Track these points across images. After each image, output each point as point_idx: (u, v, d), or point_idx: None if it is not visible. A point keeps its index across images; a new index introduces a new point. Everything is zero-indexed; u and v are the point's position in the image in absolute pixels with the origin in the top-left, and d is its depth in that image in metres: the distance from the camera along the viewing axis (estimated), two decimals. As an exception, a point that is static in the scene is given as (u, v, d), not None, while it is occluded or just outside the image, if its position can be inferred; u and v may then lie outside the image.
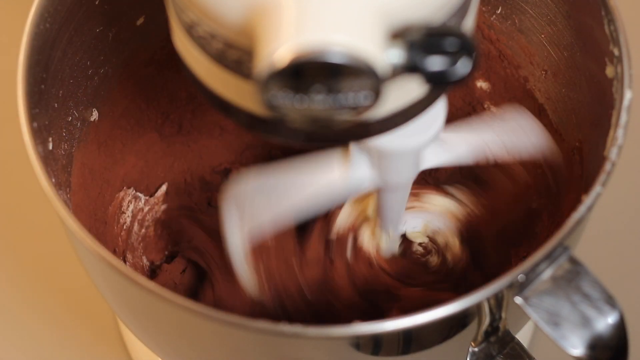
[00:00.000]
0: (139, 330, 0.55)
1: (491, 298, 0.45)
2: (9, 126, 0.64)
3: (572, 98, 0.58)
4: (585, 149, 0.56)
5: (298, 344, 0.46)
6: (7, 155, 0.75)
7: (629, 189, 0.73)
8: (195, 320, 0.46)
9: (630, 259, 0.71)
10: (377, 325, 0.44)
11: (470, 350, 0.50)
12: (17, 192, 0.74)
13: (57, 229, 0.68)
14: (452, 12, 0.40)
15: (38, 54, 0.51)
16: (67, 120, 0.56)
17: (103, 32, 0.58)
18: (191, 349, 0.51)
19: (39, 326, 0.69)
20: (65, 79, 0.55)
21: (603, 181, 0.47)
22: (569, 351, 0.45)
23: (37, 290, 0.71)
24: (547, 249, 0.45)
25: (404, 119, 0.43)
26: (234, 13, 0.38)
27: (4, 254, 0.72)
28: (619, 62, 0.50)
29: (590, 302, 0.45)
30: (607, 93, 0.51)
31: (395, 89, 0.39)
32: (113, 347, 0.69)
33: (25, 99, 0.50)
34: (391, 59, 0.37)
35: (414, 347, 0.48)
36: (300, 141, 0.41)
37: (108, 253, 0.46)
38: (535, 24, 0.59)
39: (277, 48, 0.36)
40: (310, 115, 0.38)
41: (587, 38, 0.54)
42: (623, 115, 0.49)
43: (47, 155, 0.51)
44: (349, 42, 0.36)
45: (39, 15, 0.51)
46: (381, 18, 0.37)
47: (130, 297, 0.49)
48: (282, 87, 0.37)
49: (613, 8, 0.51)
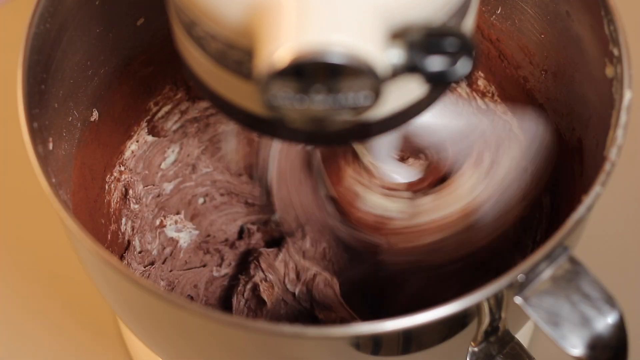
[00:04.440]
0: (139, 330, 0.55)
1: (491, 298, 0.45)
2: (9, 126, 0.64)
3: (572, 98, 0.58)
4: (585, 149, 0.56)
5: (298, 344, 0.46)
6: (7, 155, 0.75)
7: (629, 189, 0.73)
8: (195, 320, 0.46)
9: (630, 259, 0.71)
10: (377, 325, 0.44)
11: (470, 350, 0.50)
12: (17, 192, 0.74)
13: (57, 229, 0.68)
14: (452, 12, 0.40)
15: (38, 54, 0.51)
16: (67, 121, 0.56)
17: (103, 33, 0.58)
18: (191, 349, 0.51)
19: (39, 326, 0.70)
20: (65, 79, 0.55)
21: (603, 181, 0.47)
22: (569, 351, 0.45)
23: (37, 290, 0.71)
24: (547, 249, 0.45)
25: (404, 119, 0.43)
26: (234, 13, 0.38)
27: (4, 254, 0.72)
28: (619, 62, 0.50)
29: (590, 302, 0.45)
30: (607, 93, 0.51)
31: (395, 89, 0.39)
32: (113, 347, 0.69)
33: (25, 99, 0.50)
34: (391, 59, 0.37)
35: (414, 347, 0.48)
36: (301, 141, 0.42)
37: (108, 253, 0.46)
38: (535, 24, 0.59)
39: (277, 48, 0.36)
40: (310, 115, 0.38)
41: (587, 38, 0.54)
42: (623, 115, 0.49)
43: (47, 155, 0.51)
44: (349, 43, 0.36)
45: (39, 15, 0.51)
46: (381, 18, 0.37)
47: (130, 297, 0.49)
48: (282, 87, 0.37)
49: (613, 8, 0.51)
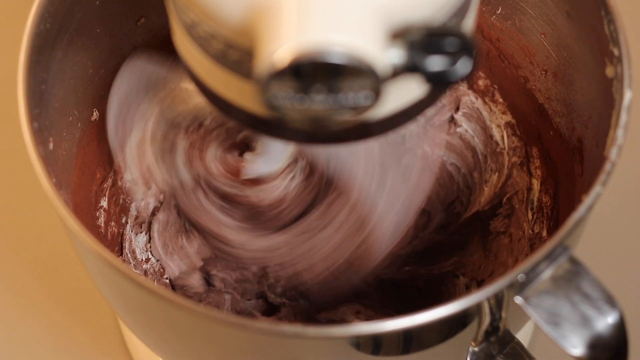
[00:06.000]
0: (139, 330, 0.55)
1: (491, 298, 0.45)
2: (9, 126, 0.64)
3: (572, 98, 0.58)
4: (585, 149, 0.56)
5: (298, 344, 0.46)
6: (7, 155, 0.75)
7: (629, 189, 0.73)
8: (196, 320, 0.46)
9: (630, 259, 0.71)
10: (377, 325, 0.44)
11: (471, 350, 0.50)
12: (18, 192, 0.74)
13: (58, 228, 0.69)
14: (453, 12, 0.40)
15: (38, 54, 0.51)
16: (67, 120, 0.56)
17: (103, 32, 0.58)
18: (191, 349, 0.51)
19: (40, 326, 0.69)
20: (65, 79, 0.55)
21: (603, 181, 0.47)
22: (569, 351, 0.45)
23: (37, 290, 0.70)
24: (547, 249, 0.45)
25: (404, 119, 0.43)
26: (234, 13, 0.38)
27: (5, 254, 0.72)
28: (619, 62, 0.50)
29: (590, 301, 0.45)
30: (607, 93, 0.51)
31: (395, 89, 0.39)
32: (114, 347, 0.69)
33: (26, 99, 0.50)
34: (391, 59, 0.37)
35: (414, 347, 0.48)
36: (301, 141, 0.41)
37: (109, 253, 0.46)
38: (535, 24, 0.59)
39: (277, 48, 0.36)
40: (310, 115, 0.38)
41: (586, 38, 0.54)
42: (623, 115, 0.49)
43: (47, 155, 0.51)
44: (349, 43, 0.36)
45: (39, 15, 0.51)
46: (381, 18, 0.37)
47: (130, 297, 0.49)
48: (282, 87, 0.37)
49: (613, 8, 0.51)
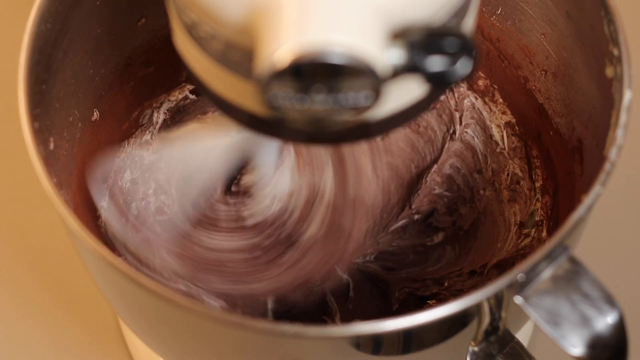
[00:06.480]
0: (140, 330, 0.55)
1: (491, 298, 0.45)
2: (10, 126, 0.64)
3: (572, 98, 0.58)
4: (585, 149, 0.56)
5: (298, 344, 0.46)
6: (8, 155, 0.75)
7: (629, 189, 0.73)
8: (196, 320, 0.46)
9: (630, 259, 0.71)
10: (377, 325, 0.44)
11: (470, 350, 0.50)
12: (19, 192, 0.74)
13: (59, 228, 0.69)
14: (453, 13, 0.40)
15: (39, 55, 0.51)
16: (68, 120, 0.56)
17: (104, 33, 0.58)
18: (191, 349, 0.51)
19: (40, 326, 0.70)
20: (66, 79, 0.55)
21: (603, 181, 0.47)
22: (569, 351, 0.45)
23: (38, 290, 0.71)
24: (547, 249, 0.45)
25: (404, 119, 0.43)
26: (234, 13, 0.38)
27: (5, 254, 0.72)
28: (619, 62, 0.50)
29: (590, 301, 0.45)
30: (606, 93, 0.51)
31: (395, 89, 0.39)
32: (114, 347, 0.69)
33: (27, 99, 0.50)
34: (391, 59, 0.37)
35: (414, 347, 0.48)
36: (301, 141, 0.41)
37: (109, 253, 0.46)
38: (535, 24, 0.59)
39: (277, 48, 0.36)
40: (310, 115, 0.38)
41: (586, 38, 0.54)
42: (623, 115, 0.49)
43: (48, 155, 0.51)
44: (350, 43, 0.36)
45: (40, 15, 0.51)
46: (381, 18, 0.37)
47: (131, 297, 0.49)
48: (282, 87, 0.37)
49: (613, 8, 0.51)
